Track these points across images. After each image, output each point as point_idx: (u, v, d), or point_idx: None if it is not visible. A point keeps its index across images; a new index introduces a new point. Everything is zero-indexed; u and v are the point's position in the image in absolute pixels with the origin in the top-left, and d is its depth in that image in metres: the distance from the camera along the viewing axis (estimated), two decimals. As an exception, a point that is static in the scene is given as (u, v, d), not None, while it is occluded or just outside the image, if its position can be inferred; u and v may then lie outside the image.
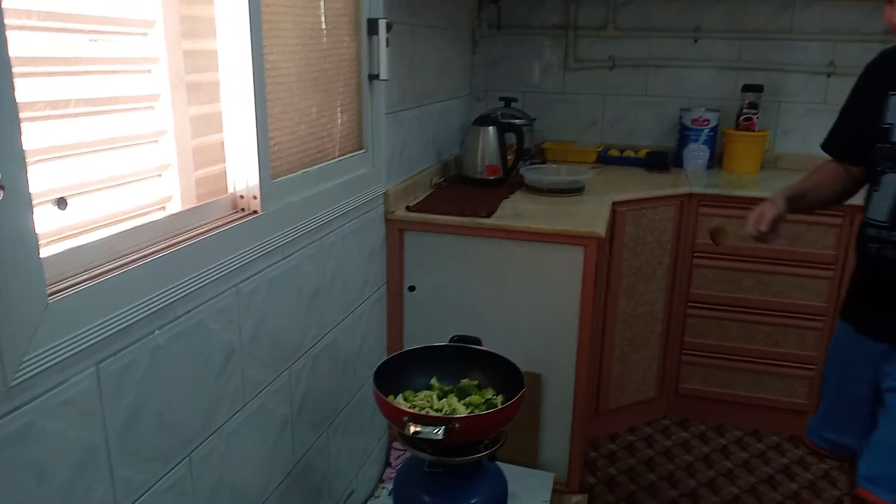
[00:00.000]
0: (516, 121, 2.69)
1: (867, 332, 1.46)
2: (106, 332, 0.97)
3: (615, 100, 3.02)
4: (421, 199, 2.20)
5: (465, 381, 1.54)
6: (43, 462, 0.90)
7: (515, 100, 2.87)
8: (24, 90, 0.90)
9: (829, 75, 2.76)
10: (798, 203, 1.53)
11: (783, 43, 2.79)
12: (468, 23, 2.77)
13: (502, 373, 1.51)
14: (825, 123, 2.88)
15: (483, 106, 2.95)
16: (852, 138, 1.52)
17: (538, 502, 2.03)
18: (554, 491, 2.09)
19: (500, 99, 2.86)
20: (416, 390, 1.51)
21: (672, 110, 2.93)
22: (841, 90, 2.74)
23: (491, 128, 2.44)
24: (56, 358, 0.89)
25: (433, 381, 1.54)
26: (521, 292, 2.02)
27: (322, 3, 1.56)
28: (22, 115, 0.85)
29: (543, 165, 2.71)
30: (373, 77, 1.80)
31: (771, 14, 2.77)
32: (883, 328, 1.43)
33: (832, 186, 1.57)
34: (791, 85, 2.82)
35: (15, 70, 0.84)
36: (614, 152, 2.93)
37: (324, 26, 1.58)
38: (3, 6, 0.81)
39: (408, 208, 2.07)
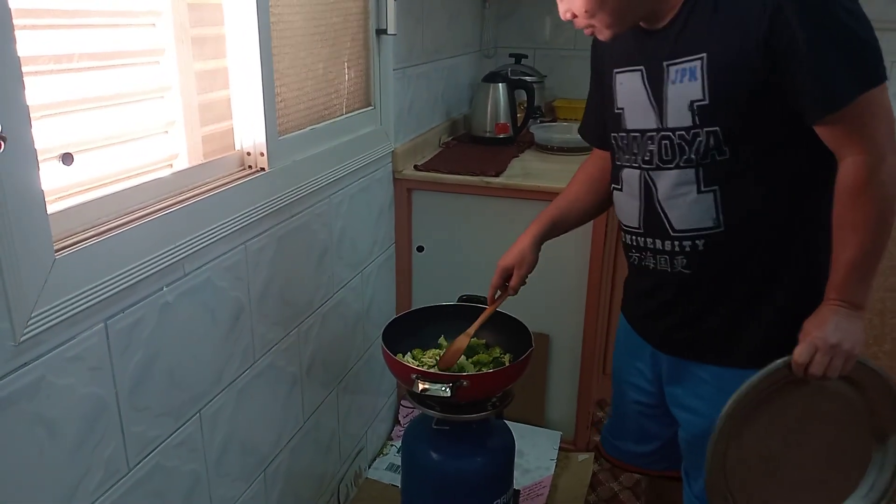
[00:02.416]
0: (527, 78, 2.64)
1: (639, 331, 1.32)
2: (113, 288, 0.97)
3: (628, 57, 2.95)
4: (429, 157, 2.17)
5: (473, 340, 1.55)
6: (54, 417, 0.91)
7: (526, 56, 2.81)
8: (28, 44, 0.88)
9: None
10: (555, 232, 1.40)
11: None
12: (478, -24, 2.70)
13: (510, 332, 1.51)
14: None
15: (493, 62, 2.89)
16: (597, 122, 1.30)
17: (545, 460, 2.05)
18: (560, 449, 2.11)
19: (511, 55, 2.80)
20: (425, 349, 1.52)
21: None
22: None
23: (501, 85, 2.40)
24: (64, 314, 0.89)
25: (441, 339, 1.54)
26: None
27: (328, -46, 1.52)
28: (25, 69, 0.84)
29: (554, 123, 2.67)
30: (380, 31, 1.76)
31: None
32: (654, 333, 1.28)
33: (593, 196, 1.38)
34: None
35: (17, 22, 0.82)
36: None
37: (330, -22, 1.54)
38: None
39: (416, 167, 2.05)
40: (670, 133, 1.09)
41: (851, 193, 1.01)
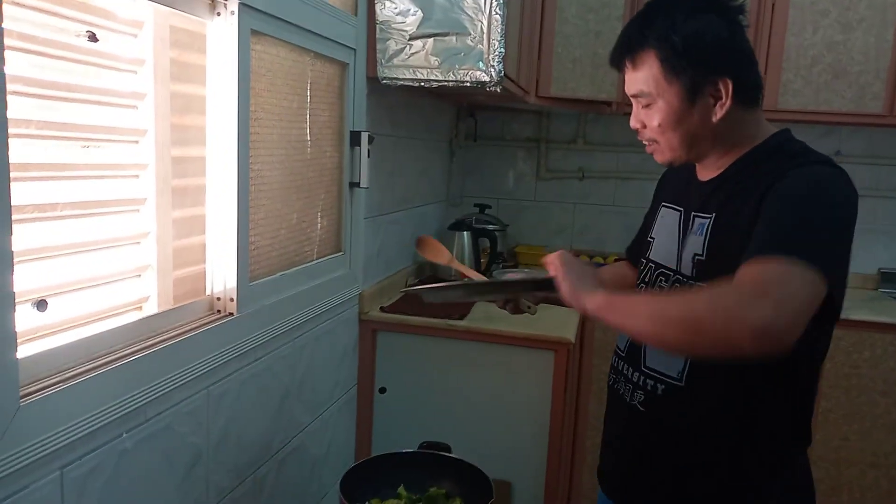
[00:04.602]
0: (490, 226, 2.78)
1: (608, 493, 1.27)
2: (74, 435, 0.96)
3: (584, 208, 3.14)
4: (395, 300, 2.23)
5: (433, 490, 1.52)
6: (-4, 573, 0.87)
7: (489, 206, 2.97)
8: (16, 193, 0.94)
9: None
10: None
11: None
12: (446, 133, 2.90)
13: (471, 481, 1.49)
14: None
15: (458, 211, 3.04)
16: (637, 246, 1.40)
17: None
18: None
19: (475, 205, 2.96)
20: (383, 499, 1.48)
21: (638, 219, 3.01)
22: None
23: (465, 233, 2.52)
24: (21, 462, 0.88)
25: (401, 489, 1.51)
26: (492, 396, 2.03)
27: (308, 116, 1.64)
28: (12, 217, 0.88)
29: (515, 269, 2.78)
30: (353, 185, 1.87)
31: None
32: (622, 490, 1.24)
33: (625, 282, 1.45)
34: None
35: (11, 175, 0.87)
36: (584, 258, 3.01)
37: (308, 138, 1.65)
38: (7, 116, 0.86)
39: (382, 309, 2.10)
40: (682, 278, 1.15)
41: (708, 290, 0.95)
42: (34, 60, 1.00)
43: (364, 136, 1.83)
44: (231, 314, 1.37)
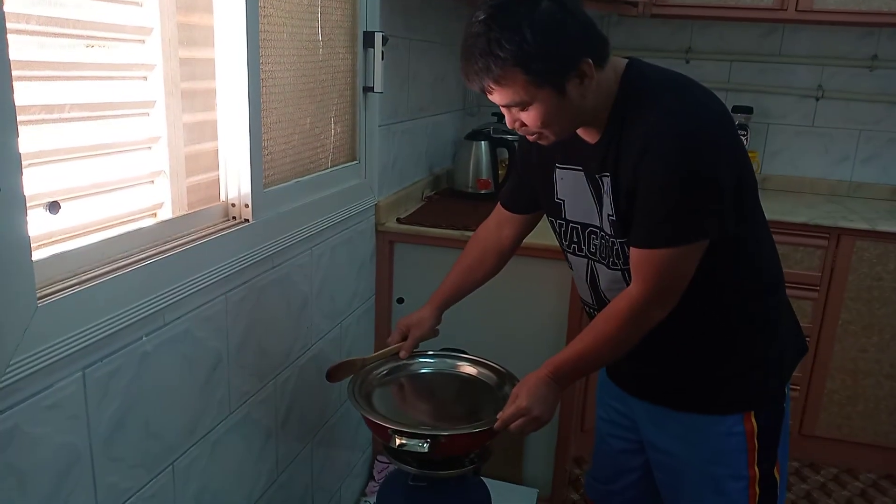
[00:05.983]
0: (508, 136, 2.70)
1: (611, 377, 1.45)
2: (94, 337, 0.97)
3: (606, 118, 3.05)
4: (412, 211, 2.20)
5: (453, 394, 1.55)
6: (26, 467, 0.90)
7: (508, 116, 2.89)
8: (21, 93, 0.90)
9: (817, 99, 2.80)
10: (454, 301, 1.56)
11: (772, 66, 2.83)
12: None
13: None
14: (813, 146, 2.92)
15: (476, 121, 2.96)
16: (524, 197, 1.45)
17: (522, 518, 2.02)
18: (538, 507, 2.08)
19: (493, 114, 2.87)
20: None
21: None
22: (829, 113, 2.80)
23: (483, 142, 2.46)
24: (44, 362, 0.89)
25: (420, 393, 1.54)
26: (509, 306, 2.03)
27: (319, 15, 1.57)
28: (18, 118, 0.85)
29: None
30: (367, 89, 1.81)
31: (760, 37, 2.81)
32: (622, 379, 1.41)
33: (485, 269, 1.54)
34: (779, 107, 2.86)
35: (13, 73, 0.84)
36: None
37: (320, 38, 1.59)
38: (4, 10, 0.81)
39: (398, 220, 2.08)
40: (606, 235, 1.21)
41: (613, 312, 1.18)
42: (29, -52, 0.95)
43: (378, 37, 1.76)
44: (246, 220, 1.36)
